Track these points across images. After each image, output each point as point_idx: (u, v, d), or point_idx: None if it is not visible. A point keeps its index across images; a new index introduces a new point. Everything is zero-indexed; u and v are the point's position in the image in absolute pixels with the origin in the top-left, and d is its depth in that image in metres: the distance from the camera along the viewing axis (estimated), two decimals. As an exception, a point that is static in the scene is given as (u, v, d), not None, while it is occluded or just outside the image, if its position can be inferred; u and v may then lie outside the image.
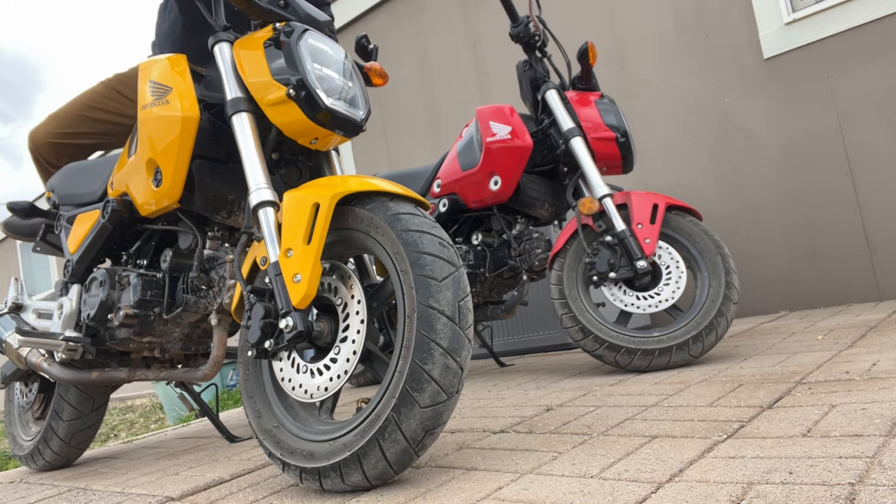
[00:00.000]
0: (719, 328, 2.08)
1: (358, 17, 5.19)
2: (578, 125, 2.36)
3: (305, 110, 1.42)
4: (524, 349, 3.37)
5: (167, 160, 1.57)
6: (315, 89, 1.42)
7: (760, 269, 3.43)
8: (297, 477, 1.28)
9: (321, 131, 1.47)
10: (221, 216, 1.68)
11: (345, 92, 1.50)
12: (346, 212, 1.34)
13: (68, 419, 2.15)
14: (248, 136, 1.45)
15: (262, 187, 1.40)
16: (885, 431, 1.10)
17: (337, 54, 1.53)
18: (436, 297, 1.18)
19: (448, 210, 2.66)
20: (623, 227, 2.18)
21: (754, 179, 3.45)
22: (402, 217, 1.27)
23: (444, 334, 1.16)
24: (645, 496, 0.98)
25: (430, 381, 1.15)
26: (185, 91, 1.56)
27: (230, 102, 1.48)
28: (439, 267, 1.21)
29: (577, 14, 4.00)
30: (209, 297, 1.74)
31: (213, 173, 1.62)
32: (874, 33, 3.09)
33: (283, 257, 1.29)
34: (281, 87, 1.42)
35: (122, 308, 1.74)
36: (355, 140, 5.35)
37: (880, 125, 3.09)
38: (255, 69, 1.48)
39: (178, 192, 1.59)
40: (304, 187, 1.35)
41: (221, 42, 1.56)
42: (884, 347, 1.86)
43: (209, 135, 1.59)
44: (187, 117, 1.53)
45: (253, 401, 1.41)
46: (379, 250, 1.29)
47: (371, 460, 1.17)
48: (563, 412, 1.70)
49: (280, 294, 1.28)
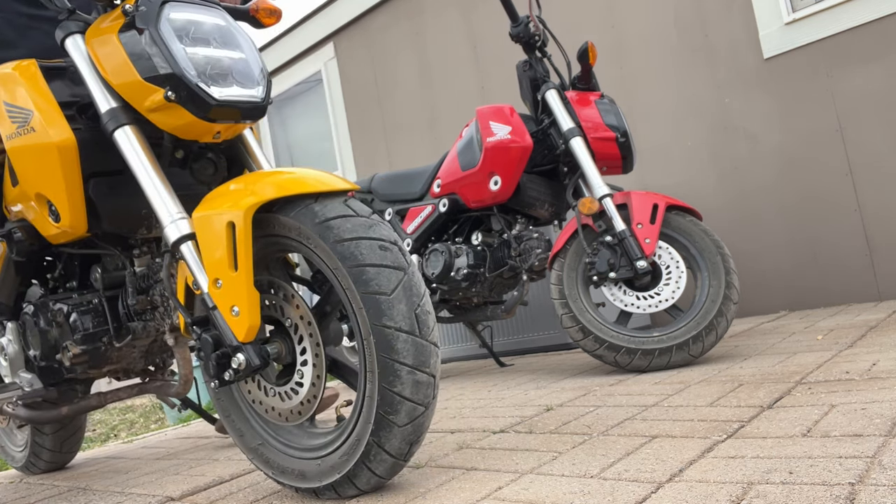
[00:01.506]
0: (719, 328, 2.08)
1: (358, 17, 5.19)
2: (578, 125, 2.36)
3: (193, 111, 1.22)
4: (524, 349, 3.37)
5: (57, 193, 1.35)
6: (197, 84, 1.20)
7: (760, 269, 3.43)
8: (293, 490, 1.28)
9: (220, 126, 1.28)
10: (141, 233, 1.49)
11: (234, 68, 1.26)
12: (269, 219, 1.20)
13: (52, 432, 2.12)
14: (140, 154, 1.26)
15: (176, 219, 1.22)
16: (885, 431, 1.10)
17: (211, 17, 1.28)
18: (389, 315, 1.08)
19: (448, 210, 2.66)
20: (623, 227, 2.18)
21: (754, 179, 3.45)
22: (333, 224, 1.12)
23: (406, 352, 1.08)
24: (645, 496, 0.98)
25: (402, 402, 1.09)
26: (49, 111, 1.33)
27: (106, 116, 1.27)
28: (385, 278, 1.09)
29: (577, 14, 4.00)
30: (157, 318, 1.54)
31: (115, 191, 1.41)
32: (874, 33, 3.09)
33: (213, 288, 1.17)
34: (156, 88, 1.21)
35: (68, 347, 1.56)
36: (355, 140, 5.35)
37: (880, 125, 3.09)
38: (117, 68, 1.25)
39: (82, 223, 1.39)
40: (212, 199, 1.19)
41: (73, 34, 1.32)
42: (884, 347, 1.86)
43: (95, 146, 1.35)
44: (62, 144, 1.31)
45: (231, 419, 1.34)
46: (317, 261, 1.18)
47: (362, 479, 1.17)
48: (563, 412, 1.70)
49: (223, 330, 1.16)
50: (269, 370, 1.26)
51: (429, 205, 2.73)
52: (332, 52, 5.43)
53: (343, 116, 5.41)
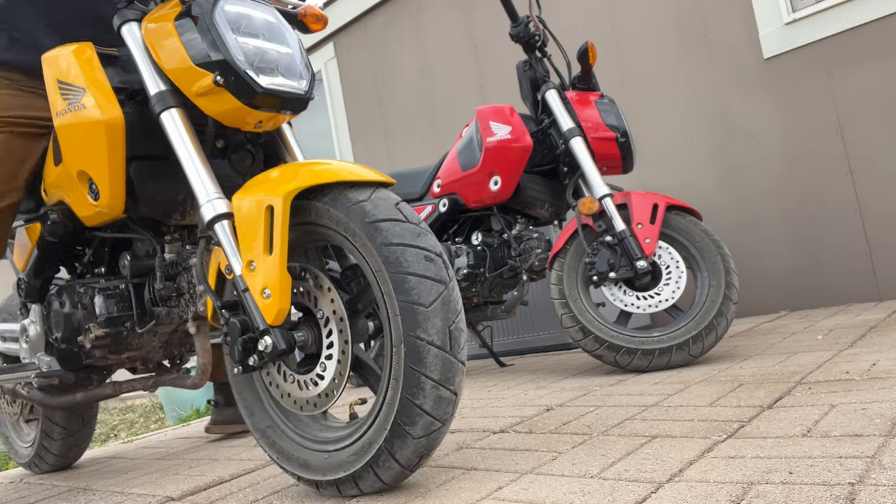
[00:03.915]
0: (719, 328, 2.08)
1: (358, 17, 5.18)
2: (578, 125, 2.36)
3: (239, 97, 1.26)
4: (524, 349, 3.37)
5: (99, 171, 1.39)
6: (245, 71, 1.25)
7: (760, 269, 3.43)
8: (295, 480, 1.28)
9: (263, 114, 1.32)
10: (175, 219, 1.52)
11: (280, 61, 1.32)
12: (306, 206, 1.21)
13: (60, 438, 2.12)
14: (184, 135, 1.30)
15: (212, 198, 1.25)
16: (885, 431, 1.10)
17: (263, 13, 1.34)
18: (423, 327, 1.08)
19: (448, 210, 2.66)
20: (623, 227, 2.18)
21: (754, 179, 3.45)
22: (382, 227, 1.13)
23: (434, 366, 1.08)
24: (645, 496, 0.98)
25: (422, 415, 1.09)
26: (101, 89, 1.38)
27: (154, 98, 1.32)
28: (426, 290, 1.10)
29: (577, 14, 4.00)
30: (181, 306, 1.57)
31: (155, 175, 1.45)
32: (874, 33, 3.09)
33: (247, 270, 1.19)
34: (205, 73, 1.26)
35: (90, 329, 1.59)
36: (355, 140, 5.36)
37: (880, 125, 3.09)
38: (171, 54, 1.30)
39: (120, 203, 1.42)
40: (253, 186, 1.22)
41: (129, 22, 1.37)
42: (884, 347, 1.86)
43: (141, 130, 1.41)
44: (110, 122, 1.36)
45: (244, 397, 1.35)
46: (358, 257, 1.19)
47: (366, 482, 1.17)
48: (563, 412, 1.70)
49: (253, 312, 1.17)
50: (290, 357, 1.26)
51: (429, 205, 2.73)
52: (332, 52, 5.43)
53: (343, 116, 5.41)
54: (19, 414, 2.27)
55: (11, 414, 2.30)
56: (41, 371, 1.68)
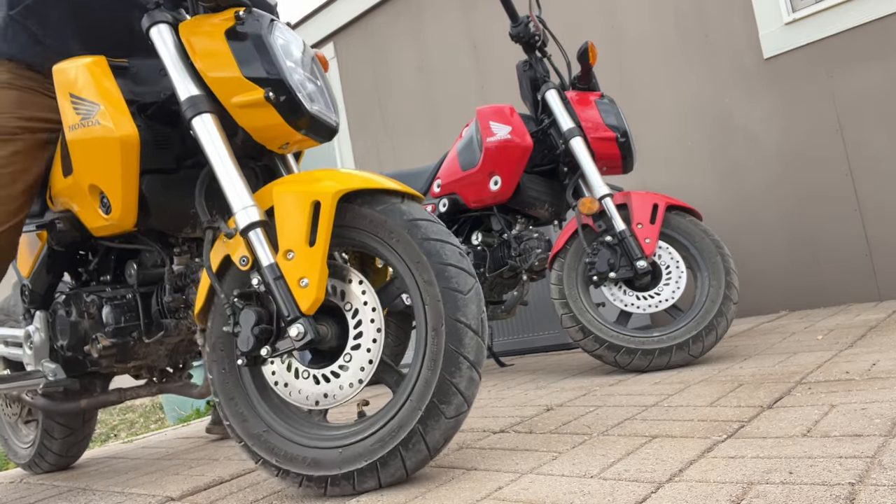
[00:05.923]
0: (719, 328, 2.08)
1: (358, 17, 5.19)
2: (578, 125, 2.36)
3: (286, 115, 1.31)
4: (524, 349, 3.37)
5: (112, 187, 1.40)
6: (298, 93, 1.31)
7: (760, 269, 3.43)
8: (297, 483, 1.25)
9: (296, 136, 1.36)
10: (185, 232, 1.53)
11: (318, 93, 1.38)
12: (345, 209, 1.27)
13: (61, 437, 2.12)
14: (219, 142, 1.30)
15: (247, 206, 1.25)
16: (885, 431, 1.10)
17: (302, 49, 1.40)
18: (463, 311, 1.19)
19: (448, 210, 2.66)
20: (623, 227, 2.18)
21: (754, 179, 3.45)
22: (421, 224, 1.23)
23: (471, 348, 1.18)
24: (645, 496, 0.98)
25: (456, 394, 1.17)
26: (116, 105, 1.38)
27: (188, 102, 1.31)
28: (463, 279, 1.21)
29: (577, 14, 4.00)
30: (189, 317, 1.59)
31: (167, 188, 1.46)
32: (874, 33, 3.09)
33: (283, 259, 1.22)
34: (256, 88, 1.29)
35: (98, 339, 1.59)
36: (356, 140, 5.36)
37: (880, 125, 3.09)
38: (217, 62, 1.32)
39: (132, 218, 1.44)
40: (296, 181, 1.26)
41: (160, 24, 1.36)
42: (884, 347, 1.86)
43: (153, 144, 1.42)
44: (125, 139, 1.36)
45: (234, 403, 1.32)
46: (392, 255, 1.25)
47: (390, 469, 1.18)
48: (563, 412, 1.70)
49: (284, 299, 1.20)
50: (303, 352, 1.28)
51: (428, 205, 2.73)
52: (332, 52, 5.43)
53: (343, 116, 5.41)
54: (18, 415, 2.26)
55: (10, 415, 2.29)
56: (48, 380, 1.67)
